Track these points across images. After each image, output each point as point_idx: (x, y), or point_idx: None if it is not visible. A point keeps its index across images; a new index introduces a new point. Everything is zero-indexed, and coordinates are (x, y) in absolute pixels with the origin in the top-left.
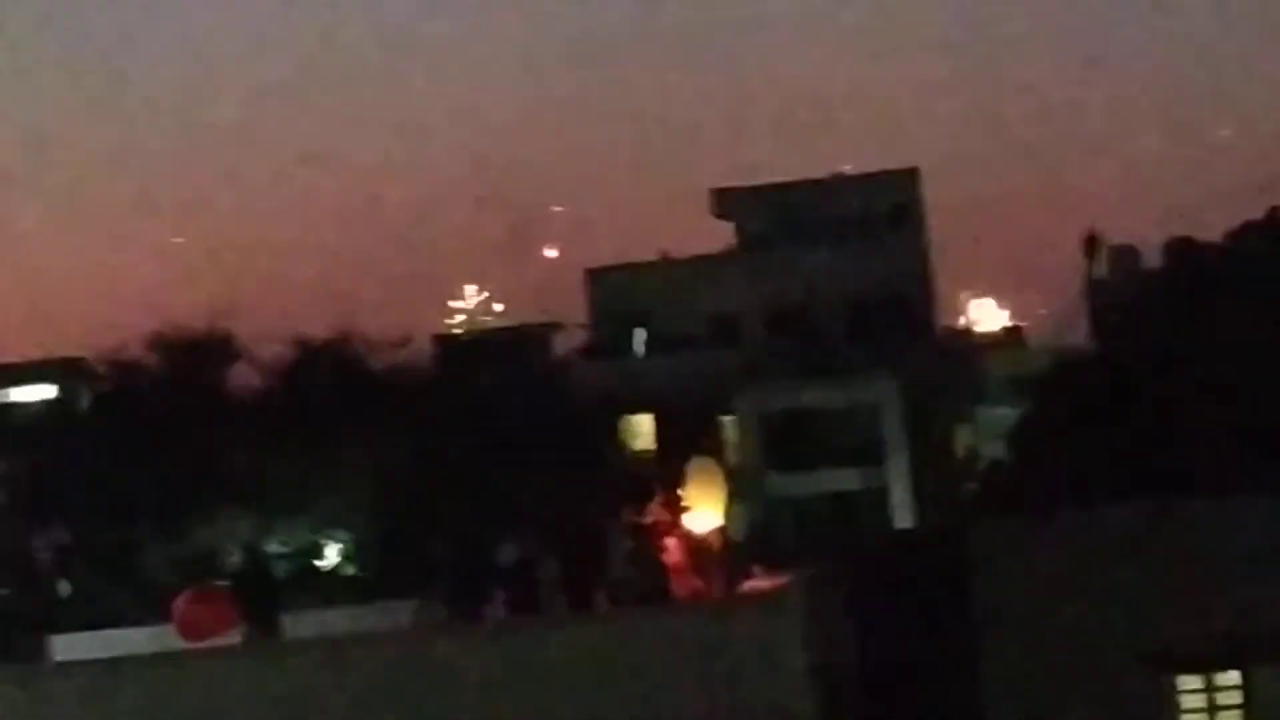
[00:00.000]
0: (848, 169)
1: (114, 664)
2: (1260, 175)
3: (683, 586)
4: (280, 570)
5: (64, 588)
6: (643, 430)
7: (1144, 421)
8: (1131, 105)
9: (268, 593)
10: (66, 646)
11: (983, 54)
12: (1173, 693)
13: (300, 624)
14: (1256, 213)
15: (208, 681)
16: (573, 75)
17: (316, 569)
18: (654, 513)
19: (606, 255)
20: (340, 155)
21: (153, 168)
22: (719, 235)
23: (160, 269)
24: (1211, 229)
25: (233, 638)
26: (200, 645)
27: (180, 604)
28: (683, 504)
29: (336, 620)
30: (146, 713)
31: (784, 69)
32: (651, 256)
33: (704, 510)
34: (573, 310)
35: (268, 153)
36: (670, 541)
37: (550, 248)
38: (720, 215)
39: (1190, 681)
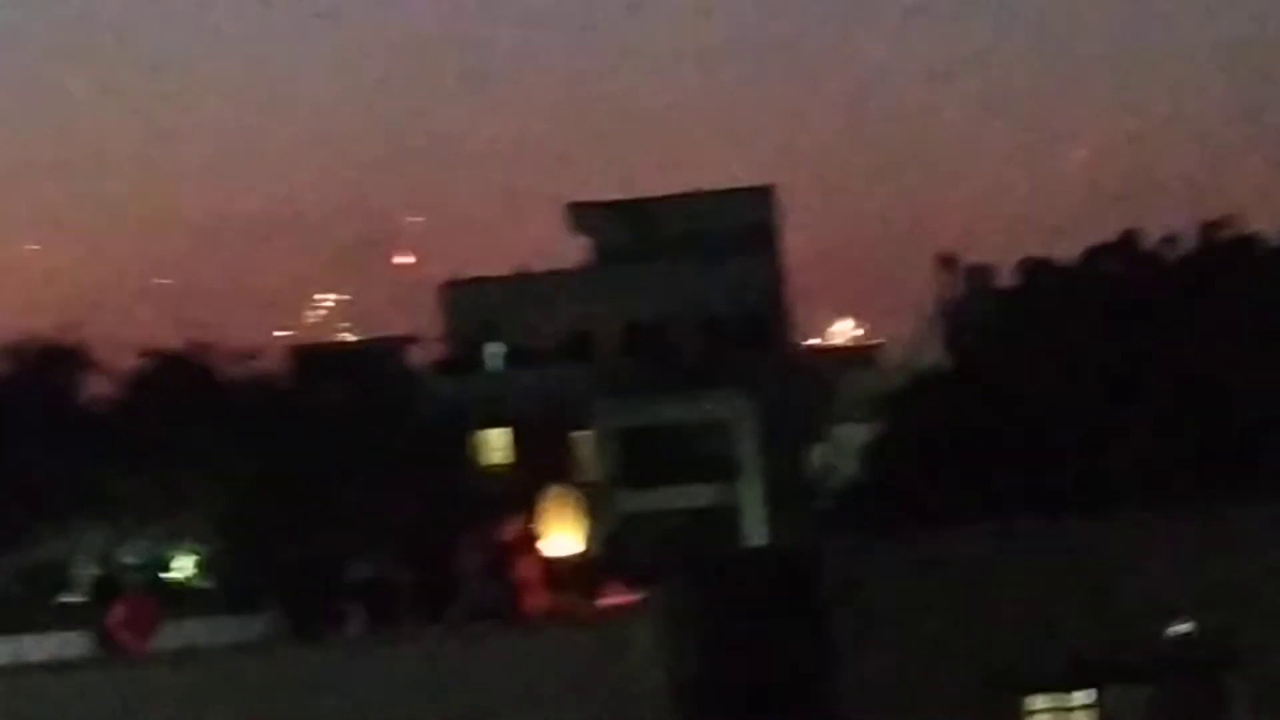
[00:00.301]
0: (703, 186)
1: None
2: (1114, 195)
3: (537, 603)
4: (131, 582)
5: None
6: (498, 445)
7: (995, 441)
8: (987, 125)
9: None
10: None
11: (842, 73)
12: (1020, 713)
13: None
14: (1109, 234)
15: (58, 693)
16: (432, 87)
17: (168, 581)
18: (509, 528)
19: (462, 268)
20: (195, 164)
21: (5, 177)
22: (574, 250)
23: (13, 277)
24: (1066, 250)
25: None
26: (132, 650)
27: (118, 612)
28: (539, 523)
29: (187, 632)
30: None
31: (641, 85)
32: (506, 270)
33: (560, 538)
34: (427, 323)
35: (122, 161)
36: (525, 558)
37: (405, 259)
38: (577, 230)
39: (1038, 701)
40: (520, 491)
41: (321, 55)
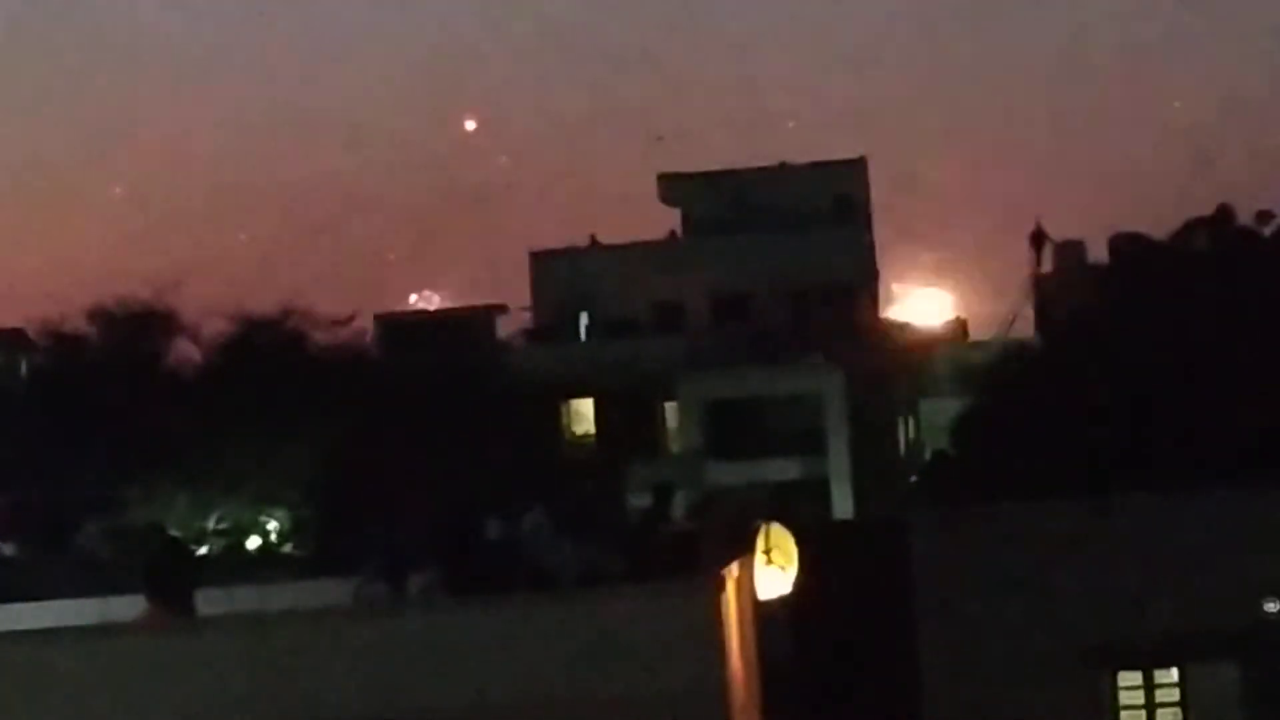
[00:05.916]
0: (794, 158)
1: (49, 634)
2: (1208, 165)
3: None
4: (217, 546)
5: None
6: (585, 414)
7: (1086, 416)
8: (1080, 98)
9: (184, 568)
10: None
11: (932, 46)
12: (1112, 690)
13: (236, 600)
14: (1204, 209)
15: (145, 655)
16: (520, 55)
17: (254, 545)
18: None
19: (551, 238)
20: (286, 123)
21: (94, 131)
22: (665, 220)
23: (100, 235)
24: (1158, 223)
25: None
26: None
27: None
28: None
29: (273, 596)
30: (82, 684)
31: (735, 55)
32: (599, 239)
33: (772, 578)
34: (517, 292)
35: (215, 117)
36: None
37: (496, 228)
38: (667, 200)
39: (1130, 678)
40: (605, 461)
41: (417, 15)
